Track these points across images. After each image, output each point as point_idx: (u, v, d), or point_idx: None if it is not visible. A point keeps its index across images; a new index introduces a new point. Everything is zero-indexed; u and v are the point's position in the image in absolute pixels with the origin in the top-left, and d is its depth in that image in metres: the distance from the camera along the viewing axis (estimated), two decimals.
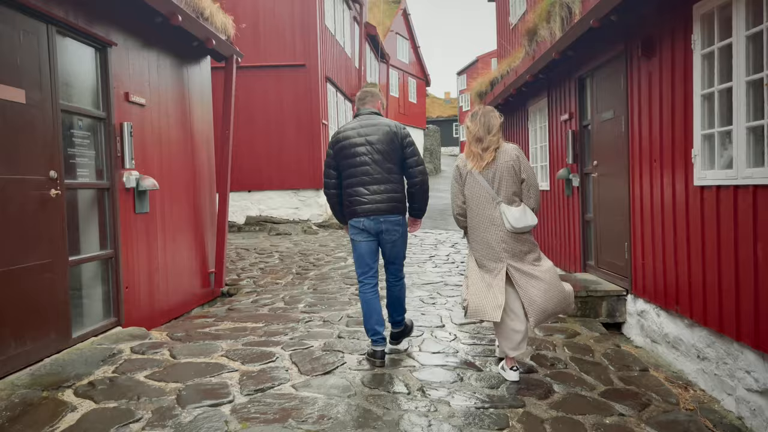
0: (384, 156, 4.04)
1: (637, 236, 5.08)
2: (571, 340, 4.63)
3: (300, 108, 14.13)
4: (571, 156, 6.72)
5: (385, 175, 4.05)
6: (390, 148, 4.05)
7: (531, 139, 9.05)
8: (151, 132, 5.55)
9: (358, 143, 4.07)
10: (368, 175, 4.05)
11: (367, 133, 4.08)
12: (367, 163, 4.05)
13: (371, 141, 4.05)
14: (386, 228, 4.06)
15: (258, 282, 7.65)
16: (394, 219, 4.06)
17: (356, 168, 4.07)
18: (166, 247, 5.75)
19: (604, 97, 5.87)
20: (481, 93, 11.56)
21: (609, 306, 5.40)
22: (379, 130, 4.07)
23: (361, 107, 4.26)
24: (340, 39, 17.49)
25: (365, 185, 4.05)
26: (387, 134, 4.06)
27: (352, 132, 4.11)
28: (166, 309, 5.71)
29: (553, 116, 7.69)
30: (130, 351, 4.14)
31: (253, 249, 10.74)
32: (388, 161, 4.05)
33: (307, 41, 14.13)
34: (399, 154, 4.08)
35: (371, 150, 4.05)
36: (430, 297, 6.28)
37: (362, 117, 4.19)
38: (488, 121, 3.83)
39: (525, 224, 3.75)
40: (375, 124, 4.10)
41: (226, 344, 4.37)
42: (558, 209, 7.56)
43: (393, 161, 4.06)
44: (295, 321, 5.25)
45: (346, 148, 4.09)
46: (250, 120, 14.00)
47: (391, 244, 4.11)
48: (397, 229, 4.08)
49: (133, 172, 5.07)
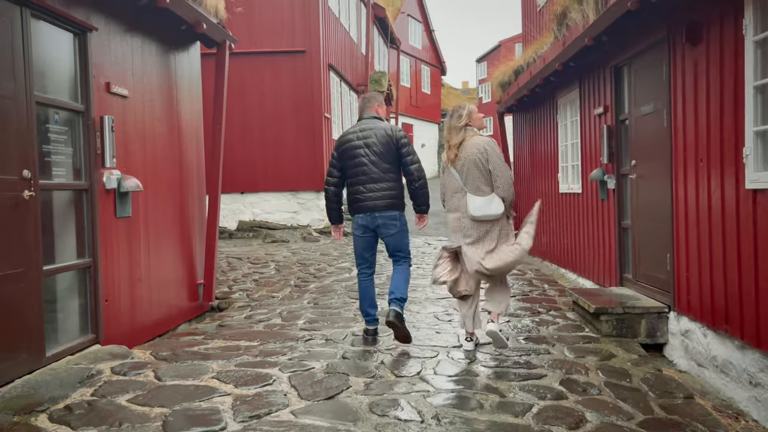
0: (380, 157, 5.10)
1: (680, 246, 5.08)
2: (605, 362, 4.64)
3: (300, 99, 14.21)
4: (606, 155, 6.73)
5: (382, 175, 5.10)
6: (386, 150, 5.11)
7: (560, 135, 9.05)
8: (135, 127, 5.61)
9: (358, 146, 5.15)
10: (366, 174, 5.12)
11: (366, 136, 5.15)
12: (365, 164, 5.12)
13: (369, 144, 5.12)
14: (382, 223, 5.12)
15: (252, 295, 7.68)
16: (390, 214, 5.11)
17: (357, 168, 5.15)
18: (150, 256, 5.80)
19: (644, 88, 5.88)
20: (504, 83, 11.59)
21: (649, 325, 5.40)
22: (377, 133, 5.13)
23: (363, 113, 5.37)
24: (345, 22, 17.59)
25: (364, 184, 5.12)
26: (383, 137, 5.12)
27: (353, 135, 5.21)
28: (149, 325, 5.76)
29: (586, 110, 7.70)
30: (110, 372, 4.18)
31: (247, 258, 10.79)
32: (384, 162, 5.11)
33: (308, 24, 14.23)
34: (395, 155, 5.14)
35: (369, 152, 5.12)
36: (446, 313, 6.30)
37: (363, 121, 5.29)
38: (452, 122, 4.90)
39: (485, 213, 4.76)
40: (372, 127, 5.18)
41: (217, 365, 4.40)
42: (591, 215, 7.56)
43: (389, 162, 5.12)
44: (294, 339, 5.28)
45: (348, 150, 5.18)
46: (244, 113, 14.11)
47: (390, 237, 5.16)
48: (394, 223, 5.13)
49: (114, 171, 5.13)
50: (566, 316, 6.10)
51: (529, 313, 6.26)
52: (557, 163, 9.25)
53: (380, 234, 5.16)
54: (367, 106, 5.39)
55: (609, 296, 5.93)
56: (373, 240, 5.22)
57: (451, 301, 6.85)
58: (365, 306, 5.33)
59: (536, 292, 7.48)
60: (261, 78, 14.23)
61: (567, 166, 8.78)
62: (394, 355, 4.73)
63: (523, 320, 5.94)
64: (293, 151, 14.20)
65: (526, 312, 6.30)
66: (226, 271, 9.42)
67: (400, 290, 5.16)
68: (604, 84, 6.96)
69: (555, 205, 9.39)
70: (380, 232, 5.14)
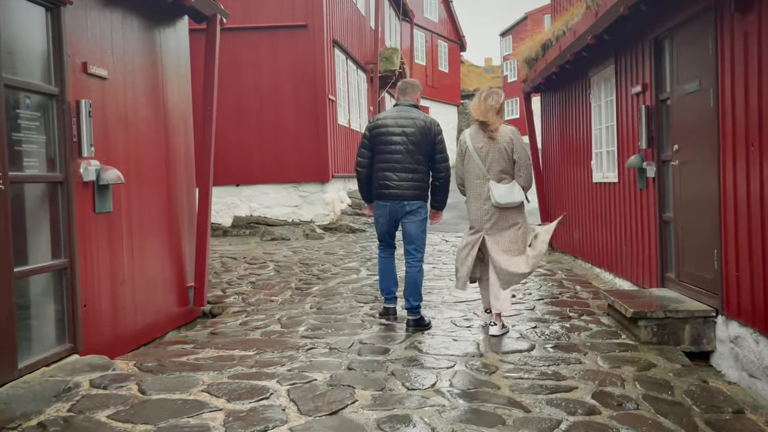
0: (417, 147, 5.79)
1: (729, 241, 5.04)
2: (644, 373, 4.62)
3: (301, 80, 14.23)
4: (645, 139, 6.69)
5: (414, 165, 5.81)
6: (423, 141, 5.80)
7: (594, 117, 9.01)
8: (116, 111, 5.63)
9: (395, 132, 5.82)
10: (399, 162, 5.82)
11: (405, 124, 5.81)
12: (401, 152, 5.81)
13: (407, 132, 5.79)
14: (408, 210, 5.86)
15: (248, 299, 7.71)
16: (416, 204, 5.86)
17: (389, 155, 5.83)
18: (133, 256, 5.83)
19: (688, 63, 5.84)
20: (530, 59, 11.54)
21: (693, 330, 5.36)
22: (416, 124, 5.81)
23: (401, 97, 6.04)
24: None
25: (395, 171, 5.82)
26: (422, 129, 5.81)
27: (390, 120, 5.86)
28: (133, 333, 5.79)
29: (622, 88, 7.65)
30: (89, 384, 4.20)
31: (243, 257, 10.83)
32: (418, 153, 5.81)
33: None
34: (429, 148, 5.84)
35: (406, 141, 5.79)
36: (465, 318, 6.31)
37: (401, 108, 5.95)
38: (489, 102, 5.51)
39: (510, 200, 5.48)
40: (413, 117, 5.85)
41: (208, 377, 4.42)
42: (628, 207, 7.52)
43: (423, 153, 5.83)
44: (295, 348, 5.29)
45: (383, 135, 5.85)
46: (239, 96, 14.14)
47: (411, 225, 5.90)
48: (419, 211, 5.88)
49: (92, 161, 5.15)
50: (600, 322, 6.08)
51: (559, 317, 6.25)
52: (590, 148, 9.20)
53: (402, 222, 5.94)
54: (408, 92, 6.05)
55: (648, 299, 5.90)
56: (394, 225, 6.04)
57: (471, 304, 6.85)
58: (386, 284, 6.15)
59: (567, 294, 7.47)
60: (257, 56, 14.25)
61: (601, 152, 8.74)
62: (406, 365, 4.73)
63: (552, 326, 5.92)
64: (294, 137, 14.22)
65: (555, 317, 6.28)
66: (219, 273, 9.46)
67: (414, 297, 5.88)
68: (643, 59, 6.90)
69: (588, 197, 9.34)
70: (403, 219, 5.92)
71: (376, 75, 19.92)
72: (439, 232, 13.95)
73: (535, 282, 8.24)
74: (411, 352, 5.11)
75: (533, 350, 5.15)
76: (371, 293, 7.65)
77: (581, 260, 9.88)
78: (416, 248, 5.94)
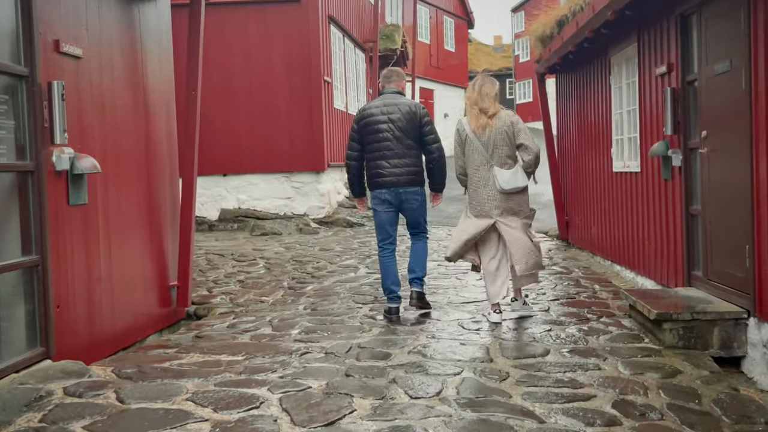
0: (404, 133, 6.33)
1: (763, 236, 5.03)
2: (668, 380, 4.62)
3: (294, 60, 14.20)
4: (670, 125, 6.68)
5: (405, 151, 6.35)
6: (410, 126, 6.34)
7: (614, 100, 8.99)
8: (91, 94, 5.62)
9: (381, 120, 6.35)
10: (389, 150, 6.35)
11: (390, 111, 6.35)
12: (389, 139, 6.34)
13: (393, 119, 6.33)
14: (406, 198, 6.42)
15: (236, 300, 7.72)
16: (412, 190, 6.43)
17: (378, 143, 6.37)
18: (111, 252, 5.83)
19: (717, 41, 5.81)
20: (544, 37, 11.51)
21: (723, 333, 5.36)
22: (400, 110, 6.34)
23: (386, 85, 6.59)
24: None
25: (387, 159, 6.35)
26: (407, 113, 6.34)
27: (376, 110, 6.41)
28: (111, 336, 5.79)
29: (646, 69, 7.64)
30: (63, 393, 4.20)
31: (230, 254, 10.84)
32: (407, 138, 6.35)
33: None
34: (418, 132, 6.39)
35: (393, 127, 6.32)
36: (473, 320, 6.31)
37: (386, 96, 6.51)
38: (485, 89, 6.11)
39: (514, 185, 6.06)
40: (397, 103, 6.39)
41: (193, 384, 4.42)
42: (651, 199, 7.51)
43: (412, 138, 6.38)
44: (287, 353, 5.29)
45: (370, 125, 6.39)
46: (226, 77, 14.12)
47: (411, 211, 6.52)
48: (416, 198, 6.47)
49: (65, 149, 5.15)
50: (621, 324, 6.09)
51: (576, 320, 6.26)
52: (610, 135, 9.19)
53: (402, 208, 6.50)
54: (392, 80, 6.61)
55: (674, 299, 5.90)
56: (395, 215, 6.54)
57: (480, 305, 6.86)
58: (388, 283, 6.51)
59: (584, 294, 7.47)
60: (246, 34, 14.22)
61: (622, 138, 8.72)
62: (409, 371, 4.74)
63: (568, 329, 5.93)
64: (287, 123, 14.21)
65: (572, 319, 6.29)
66: (205, 271, 9.47)
67: (420, 268, 6.59)
68: (668, 37, 6.88)
69: (608, 188, 9.33)
70: (402, 207, 6.48)
71: (375, 54, 19.89)
72: (444, 226, 13.96)
73: (550, 281, 8.25)
74: (414, 357, 5.11)
75: (548, 355, 5.14)
76: (370, 293, 7.65)
77: (600, 257, 9.87)
78: (420, 230, 6.66)
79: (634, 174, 8.15)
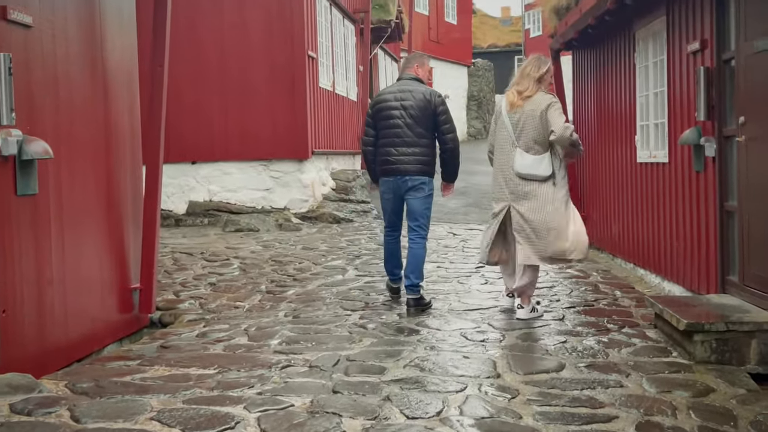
0: (416, 121, 6.98)
1: None
2: (700, 399, 4.63)
3: (274, 32, 14.17)
4: (703, 109, 6.69)
5: (415, 139, 6.98)
6: (423, 114, 6.99)
7: (639, 81, 9.01)
8: (43, 69, 5.59)
9: (394, 107, 7.05)
10: (399, 137, 7.03)
11: (403, 98, 7.04)
12: (399, 126, 7.02)
13: (406, 106, 7.00)
14: (411, 186, 7.05)
15: (207, 305, 7.70)
16: (419, 179, 7.03)
17: (388, 130, 7.07)
18: (65, 250, 5.80)
19: (758, 14, 5.82)
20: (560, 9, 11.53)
21: (762, 347, 5.37)
22: (414, 97, 7.02)
23: (404, 71, 7.43)
24: None
25: (395, 146, 7.03)
26: (421, 101, 7.01)
27: (390, 96, 7.18)
28: (64, 345, 5.77)
29: (675, 45, 7.65)
30: (9, 410, 4.17)
31: (200, 253, 10.81)
32: (419, 126, 6.99)
33: None
34: (431, 121, 7.04)
35: (405, 114, 7.00)
36: (478, 330, 6.31)
37: (402, 82, 7.29)
38: (527, 69, 6.64)
39: (531, 172, 6.45)
40: (411, 90, 7.07)
41: (158, 401, 4.41)
42: (681, 193, 7.53)
43: (424, 126, 7.02)
44: (266, 366, 5.28)
45: (383, 110, 7.12)
46: (197, 51, 14.06)
47: (415, 201, 7.10)
48: (422, 187, 7.07)
49: (13, 131, 5.11)
50: (646, 335, 6.10)
51: (594, 330, 6.26)
52: (634, 121, 9.20)
53: (406, 198, 7.15)
54: (407, 66, 7.40)
55: (706, 307, 5.91)
56: (401, 203, 7.28)
57: (485, 313, 6.87)
58: (390, 267, 7.49)
59: (604, 301, 7.48)
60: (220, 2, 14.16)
61: (648, 125, 8.73)
62: (405, 388, 4.73)
63: (586, 340, 5.94)
64: (265, 104, 14.17)
65: (590, 329, 6.30)
66: (171, 272, 9.44)
67: (415, 274, 7.05)
68: (702, 9, 6.90)
69: (631, 181, 9.35)
70: (408, 194, 7.12)
71: (367, 27, 19.87)
72: (445, 223, 13.96)
73: (565, 286, 8.27)
74: (411, 371, 5.11)
75: (563, 370, 5.14)
76: (361, 298, 7.66)
77: (621, 259, 9.90)
78: (419, 225, 7.15)
79: (661, 165, 8.16)
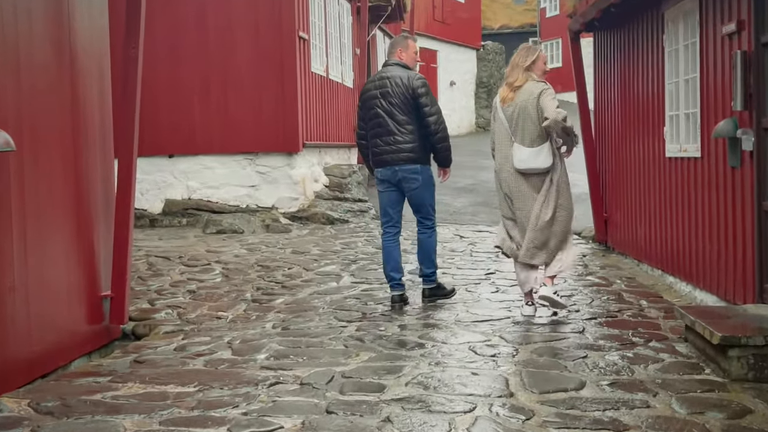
0: (396, 108, 7.32)
1: None
2: (736, 421, 4.62)
3: (261, 10, 14.17)
4: (740, 98, 6.68)
5: (397, 127, 7.34)
6: (402, 100, 7.31)
7: (668, 66, 9.00)
8: (2, 50, 5.57)
9: (374, 96, 7.43)
10: (382, 127, 7.39)
11: (382, 85, 7.39)
12: (381, 116, 7.38)
13: (384, 94, 7.35)
14: (403, 176, 7.44)
15: (186, 315, 7.70)
16: (410, 168, 7.40)
17: (372, 120, 7.50)
18: (27, 253, 5.79)
19: None
20: None
21: None
22: (391, 83, 7.33)
23: (388, 57, 7.71)
24: None
25: (380, 136, 7.42)
26: (399, 86, 7.29)
27: (371, 85, 7.61)
28: (27, 360, 5.76)
29: (709, 27, 7.64)
30: None
31: (178, 257, 10.82)
32: (401, 113, 7.33)
33: None
34: (412, 105, 7.32)
35: (384, 103, 7.35)
36: (488, 344, 6.31)
37: (383, 69, 7.65)
38: (516, 59, 7.03)
39: (529, 166, 6.84)
40: (390, 76, 7.40)
41: (132, 422, 4.41)
42: (714, 191, 7.52)
43: (406, 113, 7.34)
44: (252, 383, 5.28)
45: (367, 101, 7.54)
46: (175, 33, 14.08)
47: (412, 192, 7.53)
48: (415, 177, 7.44)
49: None
50: (675, 350, 6.10)
51: (618, 344, 6.26)
52: (663, 111, 9.20)
53: (403, 189, 7.54)
54: (391, 51, 7.70)
55: (742, 318, 5.91)
56: (397, 195, 7.64)
57: (496, 325, 6.87)
58: (388, 270, 7.62)
59: (629, 312, 7.48)
60: None
61: (678, 115, 8.73)
62: (407, 408, 4.72)
63: (609, 355, 5.94)
64: (251, 91, 14.16)
65: (613, 343, 6.30)
66: (146, 278, 9.44)
67: (426, 264, 7.64)
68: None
69: (659, 177, 9.34)
70: (402, 186, 7.51)
71: (364, 5, 19.87)
72: (451, 224, 13.98)
73: (585, 295, 8.26)
74: (414, 389, 5.10)
75: (583, 389, 5.12)
76: (357, 308, 7.66)
77: (647, 265, 9.89)
78: (424, 216, 7.63)
79: (693, 160, 8.16)
